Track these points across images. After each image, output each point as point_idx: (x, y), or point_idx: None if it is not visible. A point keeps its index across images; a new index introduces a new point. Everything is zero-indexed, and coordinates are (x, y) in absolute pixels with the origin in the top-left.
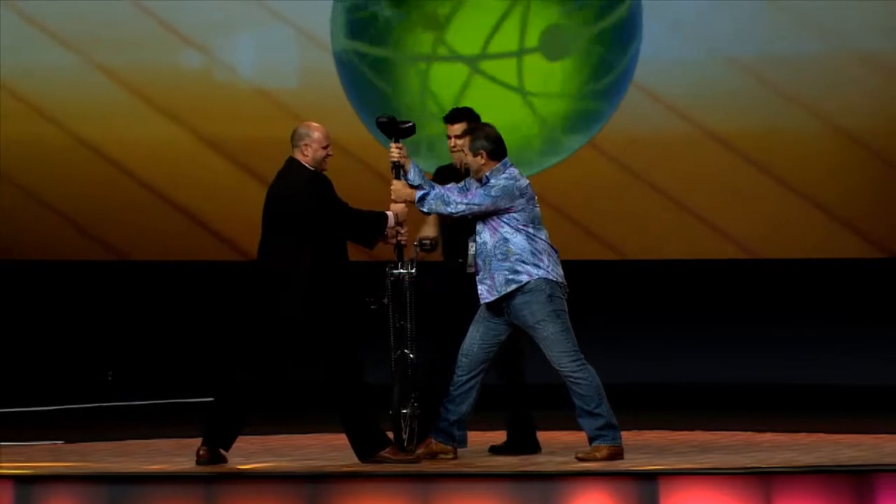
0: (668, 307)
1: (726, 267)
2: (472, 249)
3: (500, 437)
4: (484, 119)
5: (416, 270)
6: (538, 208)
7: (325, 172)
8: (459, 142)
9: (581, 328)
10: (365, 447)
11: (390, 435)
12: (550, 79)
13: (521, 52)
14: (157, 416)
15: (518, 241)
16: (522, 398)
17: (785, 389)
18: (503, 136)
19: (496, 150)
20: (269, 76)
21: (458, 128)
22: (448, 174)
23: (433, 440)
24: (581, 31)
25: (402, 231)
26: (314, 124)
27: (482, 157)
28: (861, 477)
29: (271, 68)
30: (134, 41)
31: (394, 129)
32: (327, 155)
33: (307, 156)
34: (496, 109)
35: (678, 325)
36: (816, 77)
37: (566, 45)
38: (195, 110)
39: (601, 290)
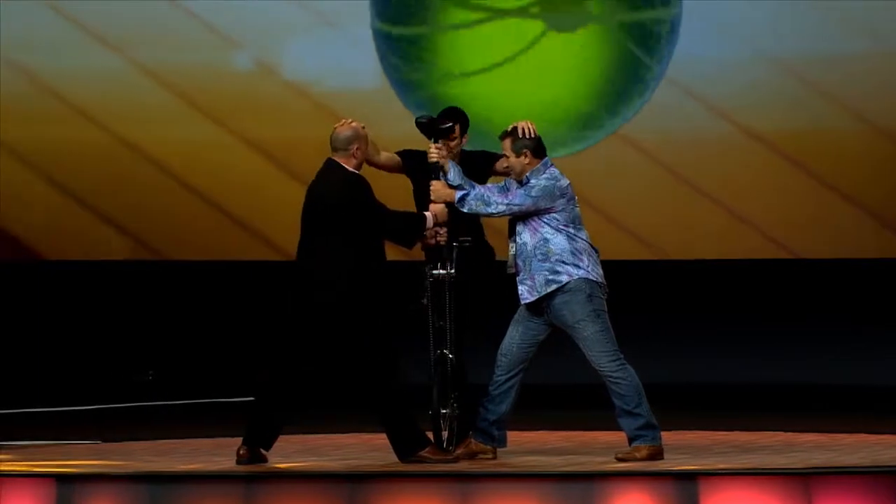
0: (708, 307)
1: (767, 267)
2: (511, 250)
3: (541, 437)
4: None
5: (455, 271)
6: (578, 208)
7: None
8: (452, 143)
9: (620, 328)
10: (404, 447)
11: (430, 435)
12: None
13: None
14: (197, 416)
15: (558, 241)
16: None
17: (826, 389)
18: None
19: (538, 147)
20: (311, 77)
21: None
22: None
23: (473, 440)
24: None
25: (442, 232)
26: (358, 125)
27: (526, 157)
28: None
29: (313, 69)
30: (177, 43)
31: (433, 129)
32: None
33: (356, 158)
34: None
35: (718, 324)
36: (859, 77)
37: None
38: (237, 111)
39: (641, 290)
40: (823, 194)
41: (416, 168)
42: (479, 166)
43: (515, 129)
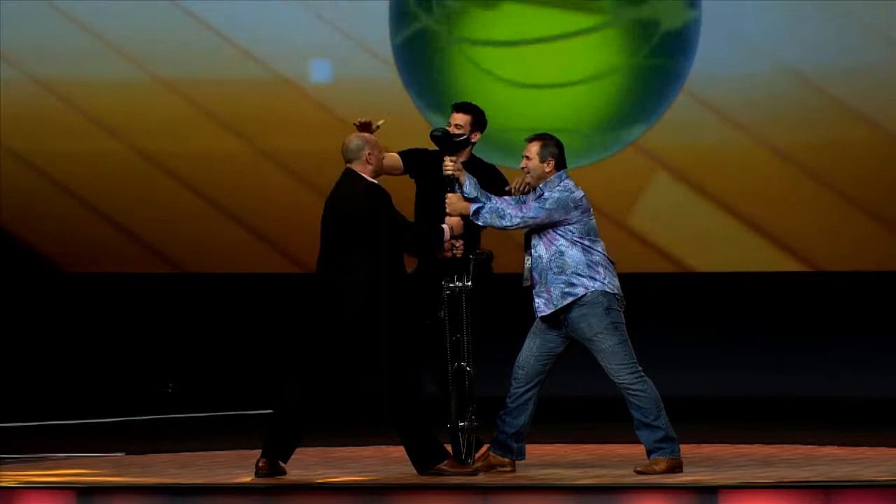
0: (728, 319)
1: (788, 279)
2: (527, 263)
3: (559, 450)
4: None
5: (472, 283)
6: (594, 220)
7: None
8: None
9: (639, 340)
10: (423, 460)
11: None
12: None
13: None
14: (217, 428)
15: (573, 253)
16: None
17: (846, 402)
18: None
19: (561, 159)
20: (330, 89)
21: (462, 118)
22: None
23: (491, 453)
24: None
25: (458, 244)
26: (367, 134)
27: (549, 165)
28: None
29: (332, 82)
30: (194, 55)
31: (448, 142)
32: None
33: (371, 164)
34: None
35: (739, 337)
36: (878, 88)
37: None
38: (257, 124)
39: (660, 302)
40: (844, 206)
41: (419, 169)
42: (490, 181)
43: (545, 136)
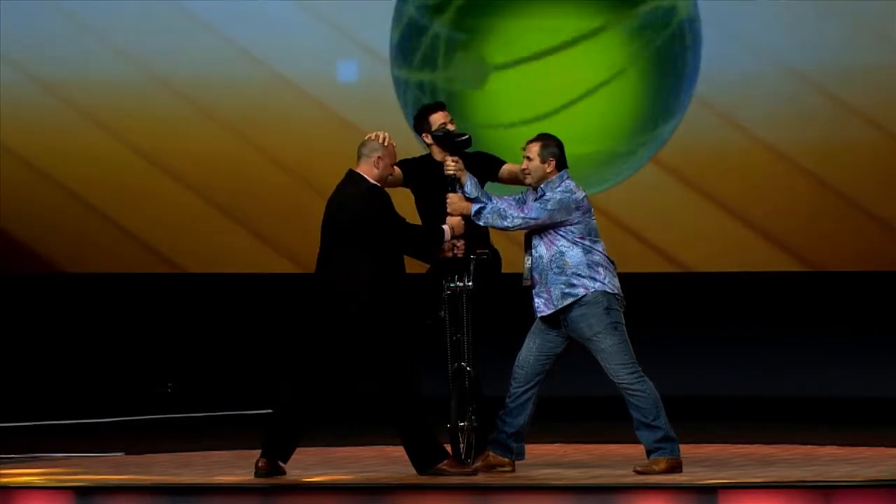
0: (727, 319)
1: (787, 279)
2: (527, 263)
3: (559, 450)
4: None
5: (472, 283)
6: (595, 220)
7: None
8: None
9: (639, 340)
10: (423, 460)
11: (448, 448)
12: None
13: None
14: (216, 428)
15: (574, 254)
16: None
17: (846, 402)
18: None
19: (562, 159)
20: (330, 90)
21: (446, 115)
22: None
23: (491, 453)
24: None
25: (459, 245)
26: (388, 136)
27: (549, 165)
28: None
29: (331, 82)
30: (195, 54)
31: (450, 142)
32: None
33: (377, 168)
34: None
35: (737, 337)
36: (879, 89)
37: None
38: (256, 124)
39: (660, 303)
40: (843, 206)
41: (416, 177)
42: (481, 170)
43: (546, 136)
